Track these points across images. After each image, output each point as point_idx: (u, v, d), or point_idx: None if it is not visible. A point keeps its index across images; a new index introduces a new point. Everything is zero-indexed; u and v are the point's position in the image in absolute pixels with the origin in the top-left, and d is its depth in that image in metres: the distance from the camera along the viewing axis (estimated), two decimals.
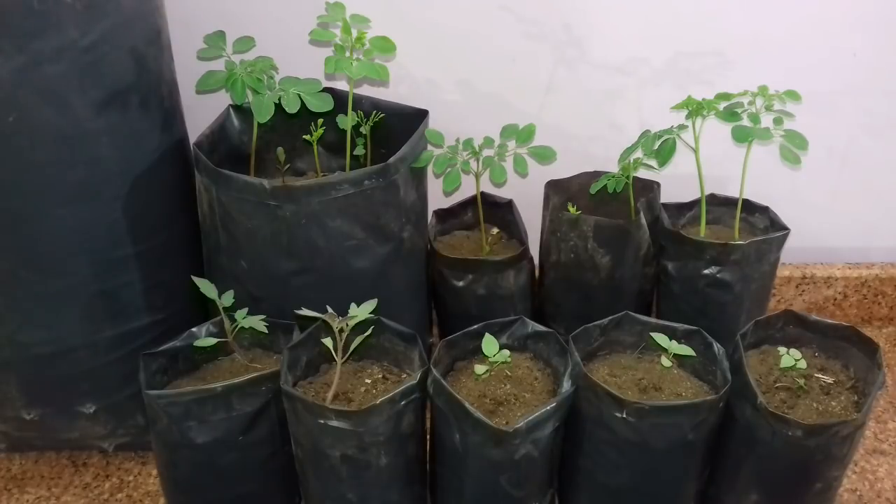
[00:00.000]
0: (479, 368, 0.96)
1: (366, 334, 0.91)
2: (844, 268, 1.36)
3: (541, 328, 1.00)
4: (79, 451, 1.15)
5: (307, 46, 1.15)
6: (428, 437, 0.98)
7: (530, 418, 0.86)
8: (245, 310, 0.99)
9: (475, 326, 0.99)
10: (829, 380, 0.97)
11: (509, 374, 0.97)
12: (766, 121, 1.03)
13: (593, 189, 1.12)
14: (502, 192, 1.23)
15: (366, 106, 1.12)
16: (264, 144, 1.12)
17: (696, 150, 1.07)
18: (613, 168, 1.12)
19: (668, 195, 1.18)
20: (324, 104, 0.98)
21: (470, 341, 0.99)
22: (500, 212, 1.21)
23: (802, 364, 0.96)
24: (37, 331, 0.99)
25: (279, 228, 0.96)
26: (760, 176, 1.20)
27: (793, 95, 1.04)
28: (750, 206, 1.16)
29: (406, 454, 0.92)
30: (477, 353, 0.99)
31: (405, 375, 0.97)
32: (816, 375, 0.97)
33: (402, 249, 1.05)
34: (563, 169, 1.18)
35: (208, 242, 1.05)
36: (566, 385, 0.90)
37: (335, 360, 0.91)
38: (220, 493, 0.97)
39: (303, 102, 0.97)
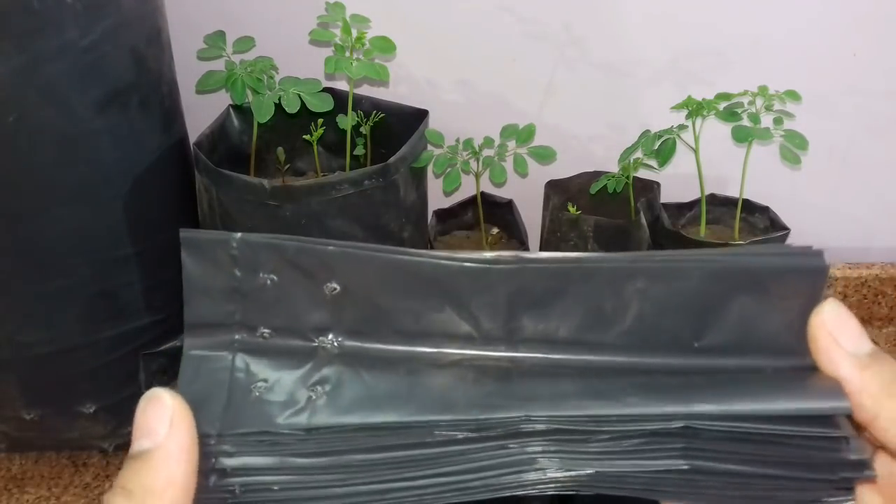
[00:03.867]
0: None
1: None
2: (844, 268, 1.35)
3: None
4: (79, 451, 1.15)
5: (307, 46, 1.15)
6: None
7: None
8: None
9: None
10: None
11: None
12: (766, 121, 1.03)
13: (593, 189, 1.12)
14: (502, 192, 1.23)
15: (366, 106, 1.12)
16: (264, 144, 1.12)
17: (696, 150, 1.07)
18: (613, 168, 1.12)
19: (668, 195, 1.17)
20: (324, 104, 0.98)
21: None
22: (500, 212, 1.21)
23: None
24: (37, 331, 0.99)
25: (279, 228, 0.96)
26: (760, 176, 1.20)
27: (793, 95, 1.04)
28: (750, 206, 1.16)
29: None
30: None
31: None
32: None
33: None
34: (563, 169, 1.18)
35: None
36: None
37: None
38: None
39: (303, 102, 0.97)
